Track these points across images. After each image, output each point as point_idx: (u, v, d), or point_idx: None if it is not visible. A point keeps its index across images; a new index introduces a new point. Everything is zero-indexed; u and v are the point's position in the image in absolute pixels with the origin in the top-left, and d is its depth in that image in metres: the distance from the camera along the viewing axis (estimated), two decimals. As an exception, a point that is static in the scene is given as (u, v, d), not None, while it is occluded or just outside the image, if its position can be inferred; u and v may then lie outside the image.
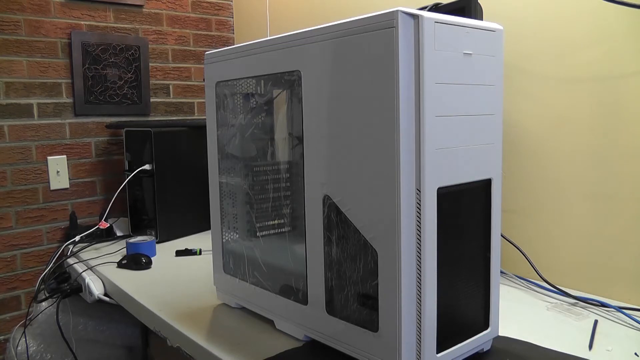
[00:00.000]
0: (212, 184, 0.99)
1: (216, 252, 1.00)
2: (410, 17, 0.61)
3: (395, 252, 0.64)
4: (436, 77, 0.63)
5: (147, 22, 1.84)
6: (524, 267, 1.10)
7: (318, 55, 0.72)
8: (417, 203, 0.64)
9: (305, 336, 0.82)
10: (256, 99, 1.00)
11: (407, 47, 0.61)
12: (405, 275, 0.64)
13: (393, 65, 0.62)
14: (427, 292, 0.65)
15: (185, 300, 1.05)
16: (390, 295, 0.65)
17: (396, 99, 0.62)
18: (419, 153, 0.63)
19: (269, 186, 0.99)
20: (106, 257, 1.39)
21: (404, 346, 0.65)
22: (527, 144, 1.12)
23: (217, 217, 0.98)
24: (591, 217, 1.04)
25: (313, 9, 1.63)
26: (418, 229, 0.64)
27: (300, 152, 1.01)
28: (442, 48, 0.64)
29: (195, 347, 0.86)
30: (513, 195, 1.16)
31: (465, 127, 0.68)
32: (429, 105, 0.63)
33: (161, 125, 1.65)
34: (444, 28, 0.64)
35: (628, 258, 0.99)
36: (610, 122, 1.00)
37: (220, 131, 0.97)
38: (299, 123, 0.90)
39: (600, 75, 1.01)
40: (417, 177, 0.63)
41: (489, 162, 0.73)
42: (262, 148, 1.01)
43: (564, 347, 0.80)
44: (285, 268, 0.87)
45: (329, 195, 0.73)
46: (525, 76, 1.11)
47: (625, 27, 0.97)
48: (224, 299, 1.01)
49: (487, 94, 0.71)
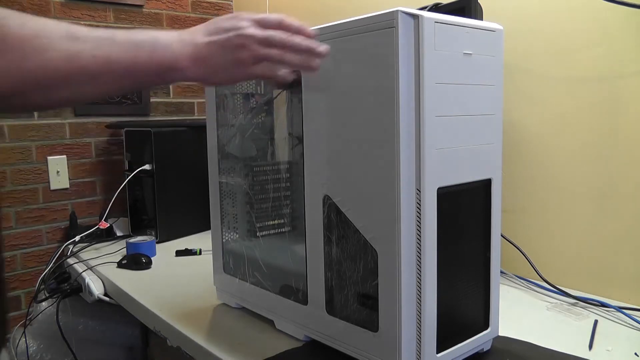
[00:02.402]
0: (212, 184, 0.99)
1: (216, 252, 1.00)
2: (410, 17, 0.61)
3: (395, 252, 0.64)
4: (436, 77, 0.63)
5: (147, 22, 1.84)
6: (524, 267, 1.10)
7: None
8: (417, 203, 0.64)
9: (305, 336, 0.82)
10: (256, 98, 1.00)
11: (407, 47, 0.61)
12: (405, 275, 0.64)
13: (393, 65, 0.62)
14: (427, 292, 0.65)
15: (185, 300, 1.05)
16: (390, 295, 0.65)
17: (396, 99, 0.62)
18: (419, 153, 0.63)
19: (269, 186, 0.99)
20: (106, 257, 1.39)
21: (403, 346, 0.65)
22: (527, 143, 1.12)
23: (217, 217, 0.98)
24: (591, 217, 1.04)
25: (313, 9, 1.62)
26: (418, 229, 0.64)
27: (300, 152, 1.01)
28: (442, 48, 0.64)
29: (195, 347, 0.86)
30: (513, 195, 1.16)
31: (465, 127, 0.68)
32: (429, 105, 0.63)
33: (161, 125, 1.65)
34: (444, 28, 0.64)
35: (628, 258, 0.99)
36: (611, 122, 1.00)
37: (220, 131, 0.97)
38: (298, 123, 0.90)
39: (601, 75, 1.01)
40: (417, 177, 0.63)
41: (489, 162, 0.73)
42: (263, 148, 1.01)
43: (564, 347, 0.80)
44: (285, 268, 0.87)
45: (329, 195, 0.73)
46: (525, 76, 1.11)
47: (625, 27, 0.97)
48: (224, 299, 1.01)
49: (487, 94, 0.71)
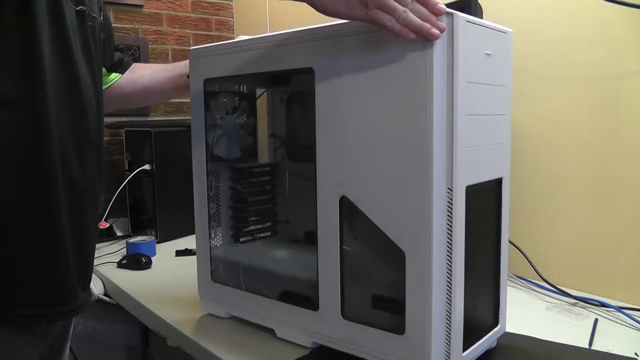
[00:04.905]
0: (197, 186, 0.92)
1: (202, 260, 0.93)
2: (444, 15, 0.61)
3: (426, 253, 0.63)
4: (467, 76, 0.63)
5: (147, 22, 1.84)
6: (524, 267, 1.10)
7: (339, 52, 0.69)
8: (449, 202, 0.63)
9: (313, 343, 0.79)
10: (241, 98, 0.96)
11: (441, 45, 0.61)
12: (436, 275, 0.63)
13: (427, 62, 0.61)
14: (456, 292, 0.64)
15: (185, 300, 1.04)
16: (420, 295, 0.64)
17: (430, 97, 0.61)
18: (450, 151, 0.62)
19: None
20: (106, 257, 1.39)
21: (433, 347, 0.64)
22: (527, 143, 1.12)
23: (204, 223, 0.91)
24: (591, 217, 1.04)
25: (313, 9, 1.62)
26: (449, 228, 0.63)
27: (281, 154, 0.99)
28: (471, 47, 0.64)
29: (195, 347, 0.86)
30: (513, 195, 1.15)
31: (485, 126, 0.68)
32: (460, 104, 0.62)
33: (161, 125, 1.65)
34: (472, 27, 0.64)
35: (628, 258, 0.99)
36: (611, 122, 1.00)
37: (208, 132, 0.91)
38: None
39: (601, 75, 1.01)
40: (449, 175, 0.62)
41: (502, 161, 0.74)
42: (250, 149, 0.98)
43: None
44: (287, 274, 0.85)
45: (346, 196, 0.71)
46: (526, 76, 1.11)
47: (625, 27, 0.97)
48: (211, 310, 0.94)
49: (500, 94, 0.72)
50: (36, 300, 0.69)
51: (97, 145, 0.78)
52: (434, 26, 0.59)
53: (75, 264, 0.73)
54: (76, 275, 0.74)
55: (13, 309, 0.67)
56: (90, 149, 0.76)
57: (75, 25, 0.73)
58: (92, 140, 0.76)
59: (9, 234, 0.66)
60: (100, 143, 0.80)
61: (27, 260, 0.68)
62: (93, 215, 0.80)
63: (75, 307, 0.74)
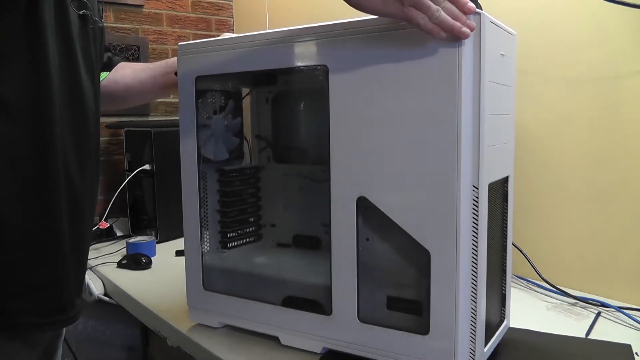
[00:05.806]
0: (187, 189, 0.87)
1: (192, 268, 0.88)
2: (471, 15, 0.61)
3: (453, 251, 0.63)
4: (490, 75, 0.64)
5: (147, 22, 1.84)
6: (524, 267, 1.10)
7: (357, 49, 0.67)
8: (474, 199, 0.63)
9: (323, 348, 0.76)
10: (232, 97, 0.94)
11: (470, 43, 0.61)
12: (463, 274, 0.63)
13: (456, 60, 0.61)
14: (481, 289, 0.64)
15: (185, 300, 1.04)
16: (445, 294, 0.64)
17: (458, 96, 0.61)
18: (477, 149, 0.63)
19: (241, 191, 0.94)
20: (106, 257, 1.39)
21: (460, 345, 0.64)
22: (527, 144, 1.12)
23: (195, 230, 0.87)
24: (591, 217, 1.04)
25: (314, 10, 1.62)
26: (474, 226, 0.63)
27: (266, 156, 0.97)
28: (492, 47, 0.65)
29: (195, 347, 0.86)
30: (513, 195, 1.16)
31: (499, 125, 0.69)
32: (486, 102, 0.63)
33: (161, 125, 1.65)
34: (493, 27, 0.65)
35: (628, 258, 0.99)
36: (611, 122, 1.00)
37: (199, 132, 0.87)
38: (267, 124, 0.88)
39: (601, 75, 1.01)
40: (475, 173, 0.63)
41: (509, 160, 0.75)
42: (237, 150, 0.96)
43: (564, 347, 0.81)
44: (292, 278, 0.84)
45: (365, 196, 0.69)
46: (526, 76, 1.11)
47: (626, 28, 0.97)
48: (203, 320, 0.89)
49: (509, 94, 0.73)
50: (35, 309, 0.68)
51: (95, 150, 0.77)
52: (465, 25, 0.60)
53: (73, 270, 0.72)
54: (74, 282, 0.73)
55: (13, 317, 0.66)
56: (89, 154, 0.75)
57: (78, 29, 0.73)
58: (91, 144, 0.76)
59: (9, 239, 0.65)
60: (97, 148, 0.79)
61: (26, 266, 0.66)
62: (89, 220, 0.79)
63: (72, 315, 0.73)
